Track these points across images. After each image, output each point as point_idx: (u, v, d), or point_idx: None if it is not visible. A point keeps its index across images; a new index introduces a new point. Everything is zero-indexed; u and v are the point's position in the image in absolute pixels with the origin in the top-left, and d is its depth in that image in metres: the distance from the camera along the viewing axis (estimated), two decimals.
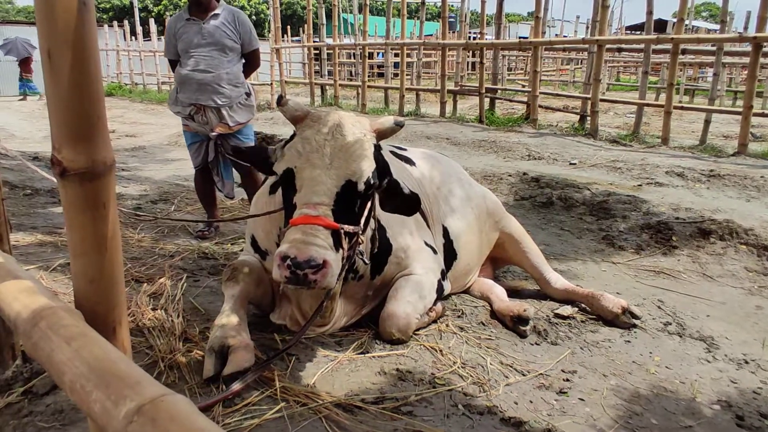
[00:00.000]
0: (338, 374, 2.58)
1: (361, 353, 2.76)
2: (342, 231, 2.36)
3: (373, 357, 2.74)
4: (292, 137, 2.56)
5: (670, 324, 3.40)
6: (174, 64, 4.80)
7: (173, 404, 0.82)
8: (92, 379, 0.86)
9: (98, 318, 1.17)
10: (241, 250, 3.68)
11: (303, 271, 2.19)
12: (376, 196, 2.73)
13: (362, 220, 2.55)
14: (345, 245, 2.40)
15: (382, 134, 2.65)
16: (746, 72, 10.02)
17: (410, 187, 2.80)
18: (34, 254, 3.81)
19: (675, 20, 9.04)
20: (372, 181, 2.50)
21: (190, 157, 5.02)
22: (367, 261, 2.78)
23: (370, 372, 2.61)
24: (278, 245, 2.77)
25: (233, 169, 5.02)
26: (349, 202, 2.45)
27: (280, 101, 2.59)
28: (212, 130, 4.69)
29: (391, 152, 3.41)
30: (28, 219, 4.81)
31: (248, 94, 4.84)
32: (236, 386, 2.28)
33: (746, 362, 3.02)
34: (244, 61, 4.85)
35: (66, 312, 1.09)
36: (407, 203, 2.70)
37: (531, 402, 2.51)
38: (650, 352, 3.07)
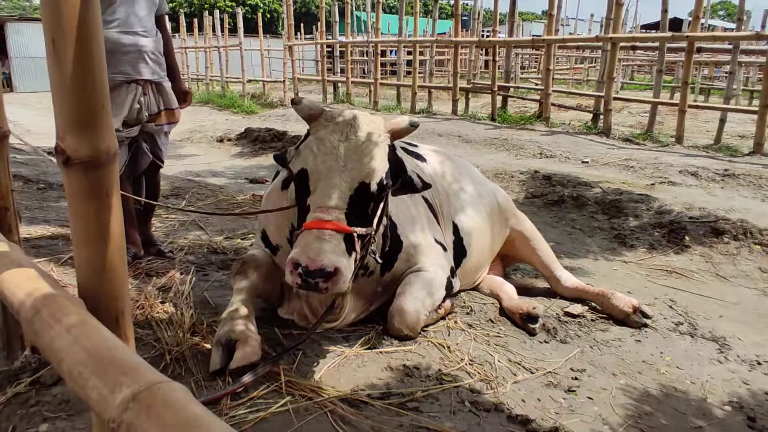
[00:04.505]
0: (345, 369, 2.57)
1: (369, 349, 2.75)
2: (355, 234, 2.35)
3: (381, 353, 2.72)
4: (307, 135, 2.57)
5: (682, 324, 3.36)
6: None
7: (169, 392, 0.81)
8: (90, 366, 0.86)
9: (101, 308, 1.16)
10: (251, 245, 3.68)
11: (314, 279, 2.19)
12: (389, 195, 2.72)
13: (375, 221, 2.53)
14: (358, 247, 2.39)
15: (396, 134, 2.66)
16: (762, 71, 9.87)
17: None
18: (46, 247, 3.84)
19: (691, 19, 8.93)
20: (385, 182, 2.49)
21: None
22: (380, 260, 2.77)
23: (376, 367, 2.60)
24: (289, 240, 2.79)
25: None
26: (362, 204, 2.44)
27: (294, 101, 2.61)
28: (150, 120, 3.50)
29: (402, 148, 3.39)
30: (41, 212, 4.84)
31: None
32: (247, 379, 2.28)
33: (759, 363, 2.97)
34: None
35: (68, 300, 1.09)
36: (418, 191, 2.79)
37: (539, 400, 2.49)
38: (661, 352, 3.03)
